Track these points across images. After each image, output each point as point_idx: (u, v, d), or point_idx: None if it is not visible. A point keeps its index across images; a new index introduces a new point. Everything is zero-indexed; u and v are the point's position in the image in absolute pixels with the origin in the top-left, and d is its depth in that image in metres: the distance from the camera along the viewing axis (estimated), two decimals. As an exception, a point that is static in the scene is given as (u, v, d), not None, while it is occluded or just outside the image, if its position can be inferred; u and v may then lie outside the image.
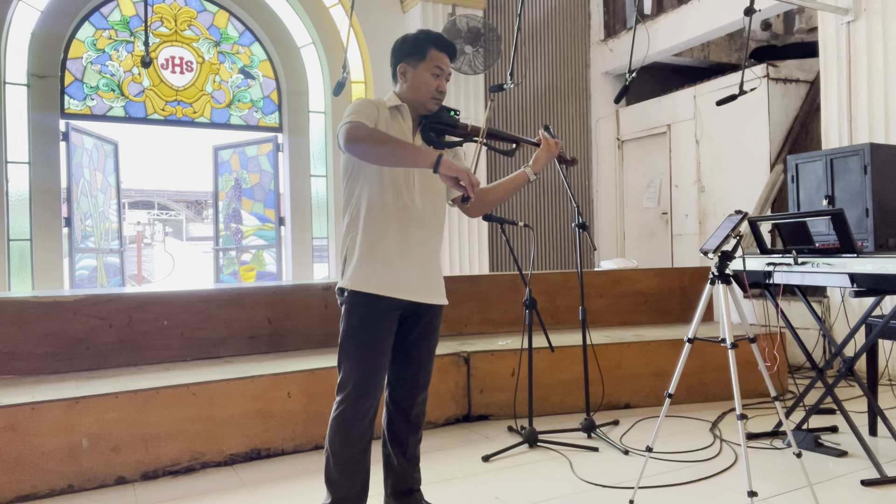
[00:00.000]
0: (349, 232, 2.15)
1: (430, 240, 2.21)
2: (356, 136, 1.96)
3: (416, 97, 2.18)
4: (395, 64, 2.21)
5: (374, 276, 2.09)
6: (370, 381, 2.11)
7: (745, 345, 2.44)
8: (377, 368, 2.12)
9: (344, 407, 2.10)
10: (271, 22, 6.54)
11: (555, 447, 3.18)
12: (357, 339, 2.10)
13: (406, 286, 2.13)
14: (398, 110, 2.17)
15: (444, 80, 2.19)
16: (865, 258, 2.66)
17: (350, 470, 2.13)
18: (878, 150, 3.16)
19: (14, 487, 2.60)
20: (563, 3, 7.45)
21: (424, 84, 2.16)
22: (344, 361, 2.13)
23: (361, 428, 2.11)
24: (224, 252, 7.02)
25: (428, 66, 2.16)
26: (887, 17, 4.54)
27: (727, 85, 5.94)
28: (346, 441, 2.10)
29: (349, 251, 2.14)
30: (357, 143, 1.96)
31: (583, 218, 3.38)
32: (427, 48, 2.16)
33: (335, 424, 2.11)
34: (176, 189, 25.49)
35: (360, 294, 2.09)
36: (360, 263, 2.10)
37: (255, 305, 3.78)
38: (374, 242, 2.10)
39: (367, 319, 2.10)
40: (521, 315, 3.24)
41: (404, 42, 2.20)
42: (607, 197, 7.61)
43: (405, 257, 2.13)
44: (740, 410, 2.22)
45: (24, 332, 3.24)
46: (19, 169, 5.45)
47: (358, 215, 2.13)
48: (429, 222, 2.20)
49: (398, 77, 2.21)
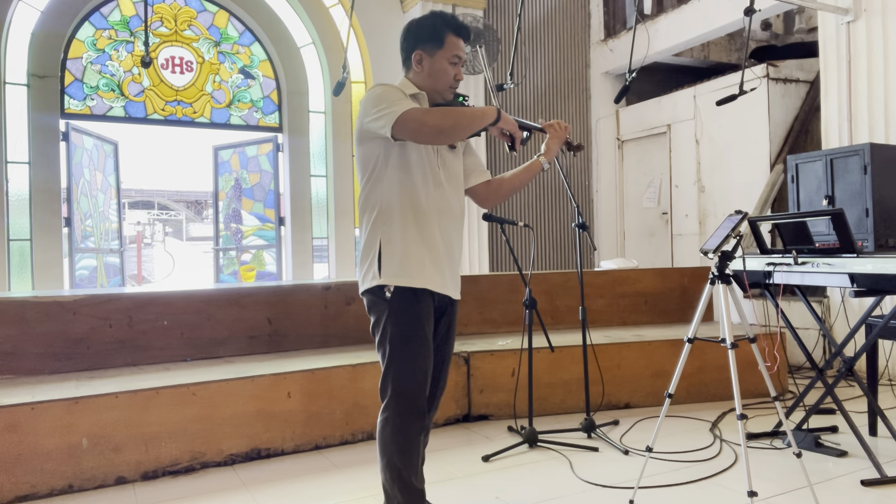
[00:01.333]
0: (379, 227, 2.03)
1: (459, 231, 2.14)
2: (424, 120, 1.89)
3: (434, 86, 2.09)
4: (410, 50, 2.09)
5: (421, 269, 2.00)
6: (425, 381, 2.01)
7: (745, 345, 2.44)
8: (429, 366, 2.03)
9: (402, 411, 1.98)
10: (271, 22, 6.54)
11: (555, 447, 3.17)
12: (409, 338, 1.98)
13: (444, 281, 2.06)
14: (416, 99, 2.07)
15: (461, 68, 2.10)
16: (865, 258, 2.66)
17: (422, 478, 2.05)
18: (878, 150, 3.16)
19: (14, 487, 2.60)
20: (563, 3, 7.45)
21: (443, 73, 2.07)
22: (396, 364, 1.99)
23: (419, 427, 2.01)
24: (224, 252, 7.02)
25: (446, 54, 2.06)
26: (887, 17, 4.54)
27: (727, 85, 5.94)
28: (407, 450, 1.98)
29: (385, 247, 2.01)
30: (426, 126, 1.89)
31: (583, 218, 3.38)
32: (445, 34, 2.05)
33: (393, 435, 1.97)
34: (176, 189, 25.51)
35: (408, 290, 1.99)
36: (403, 258, 1.99)
37: (255, 305, 3.78)
38: (413, 236, 2.01)
39: (419, 315, 2.00)
40: (521, 315, 3.24)
41: (420, 27, 2.08)
42: (607, 197, 7.60)
43: (441, 250, 2.06)
44: (740, 410, 2.22)
45: (24, 332, 3.24)
46: (19, 169, 5.45)
47: (388, 210, 2.02)
48: (457, 213, 2.13)
49: (412, 64, 2.09)
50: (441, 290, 2.05)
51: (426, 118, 1.90)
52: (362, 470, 2.92)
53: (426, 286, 2.01)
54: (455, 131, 1.95)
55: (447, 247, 2.09)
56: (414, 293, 2.00)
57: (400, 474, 1.98)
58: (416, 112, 1.90)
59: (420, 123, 1.89)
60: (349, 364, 3.33)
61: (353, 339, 3.99)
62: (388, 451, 1.99)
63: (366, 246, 2.07)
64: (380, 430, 2.01)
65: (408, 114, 1.89)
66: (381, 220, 2.03)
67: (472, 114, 1.98)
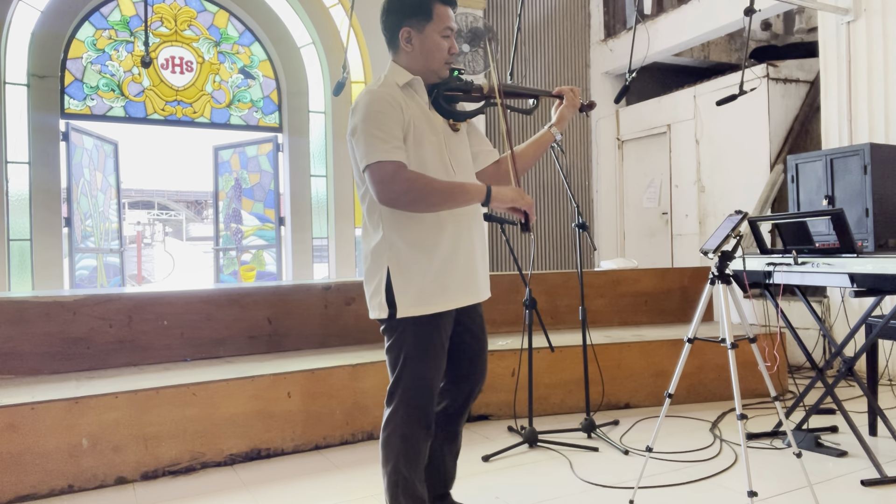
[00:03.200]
0: (384, 252, 1.87)
1: (480, 224, 2.02)
2: (386, 188, 1.74)
3: (428, 65, 1.90)
4: (395, 27, 1.88)
5: (444, 292, 1.88)
6: (434, 393, 1.95)
7: (745, 345, 2.45)
8: (440, 377, 1.96)
9: (410, 422, 1.91)
10: (271, 22, 6.54)
11: (555, 447, 3.17)
12: (424, 350, 1.89)
13: (468, 289, 1.95)
14: (411, 87, 1.89)
15: (454, 39, 1.92)
16: (865, 258, 2.66)
17: (422, 484, 1.98)
18: (878, 150, 3.16)
19: (14, 487, 2.60)
20: (563, 3, 7.45)
21: (436, 48, 1.88)
22: (407, 377, 1.90)
23: (426, 437, 1.95)
24: (224, 252, 7.02)
25: (437, 27, 1.87)
26: (887, 17, 4.54)
27: (727, 85, 5.94)
28: (414, 458, 1.92)
29: (395, 276, 1.85)
30: (387, 195, 1.76)
31: (583, 218, 3.38)
32: (432, 5, 1.86)
33: (401, 443, 1.90)
34: (176, 189, 25.51)
35: (423, 318, 1.87)
36: (421, 287, 1.85)
37: (255, 305, 3.78)
38: (429, 257, 1.86)
39: (437, 330, 1.90)
40: (521, 315, 3.24)
41: (403, 0, 1.87)
42: (607, 197, 7.61)
43: (463, 256, 1.92)
44: (740, 410, 2.22)
45: (24, 332, 3.24)
46: (19, 169, 5.45)
47: (396, 226, 1.86)
48: (476, 207, 1.97)
49: (400, 43, 1.89)
50: (465, 302, 1.95)
51: (390, 186, 1.75)
52: (362, 470, 2.92)
53: (449, 307, 1.90)
54: (412, 207, 1.80)
55: (469, 249, 1.95)
56: (431, 317, 1.88)
57: (406, 482, 1.91)
58: (387, 170, 1.75)
59: (381, 188, 1.76)
60: (349, 364, 3.33)
61: (353, 339, 3.99)
62: (395, 455, 1.91)
63: (370, 266, 1.92)
64: (385, 438, 1.93)
65: (381, 168, 1.75)
66: (387, 239, 1.86)
67: (460, 192, 1.81)
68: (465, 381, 2.10)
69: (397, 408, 1.91)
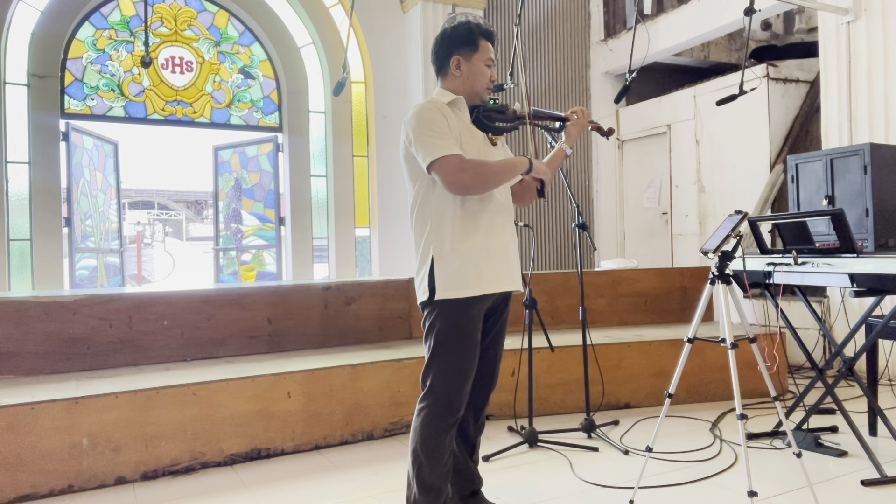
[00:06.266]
0: (432, 241, 2.10)
1: (513, 226, 2.26)
2: (457, 177, 2.01)
3: (473, 88, 2.20)
4: (446, 56, 2.19)
5: (478, 278, 2.08)
6: (464, 382, 2.10)
7: (745, 345, 2.45)
8: (472, 368, 2.12)
9: (436, 406, 2.08)
10: (271, 22, 6.54)
11: (555, 447, 3.17)
12: (456, 337, 2.07)
13: (502, 276, 2.14)
14: (455, 105, 2.17)
15: (493, 70, 2.25)
16: (865, 258, 2.66)
17: (444, 476, 2.12)
18: (878, 150, 3.16)
19: (14, 487, 2.60)
20: (563, 3, 7.45)
21: (481, 74, 2.19)
22: (438, 361, 2.09)
23: (449, 424, 2.09)
24: (224, 252, 7.02)
25: (482, 57, 2.19)
26: (887, 17, 4.54)
27: (727, 85, 5.94)
28: (434, 444, 2.07)
29: (437, 262, 2.08)
30: (458, 183, 2.02)
31: (583, 218, 3.38)
32: (478, 39, 2.19)
33: (424, 425, 2.08)
34: (176, 189, 25.50)
35: (460, 300, 2.06)
36: (459, 270, 2.06)
37: (255, 305, 3.78)
38: (468, 244, 2.09)
39: (470, 319, 2.08)
40: (521, 315, 3.23)
41: (456, 33, 2.19)
42: (607, 197, 7.61)
43: (499, 247, 2.15)
44: (740, 410, 2.22)
45: (24, 332, 3.24)
46: (19, 169, 5.45)
47: (441, 220, 2.09)
48: (509, 208, 2.25)
49: (450, 69, 2.20)
50: (497, 288, 2.13)
51: (459, 176, 2.02)
52: (362, 470, 2.92)
53: (483, 292, 2.09)
54: (481, 189, 2.09)
55: (502, 241, 2.16)
56: (465, 302, 2.07)
57: (421, 465, 2.07)
58: (453, 163, 2.01)
59: (454, 178, 2.02)
60: (349, 364, 3.33)
61: (352, 339, 3.99)
62: (417, 438, 2.09)
63: (420, 258, 2.15)
64: (415, 417, 2.12)
65: (447, 163, 2.01)
66: (434, 233, 2.11)
67: (510, 165, 2.11)
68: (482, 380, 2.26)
69: (428, 392, 2.10)
